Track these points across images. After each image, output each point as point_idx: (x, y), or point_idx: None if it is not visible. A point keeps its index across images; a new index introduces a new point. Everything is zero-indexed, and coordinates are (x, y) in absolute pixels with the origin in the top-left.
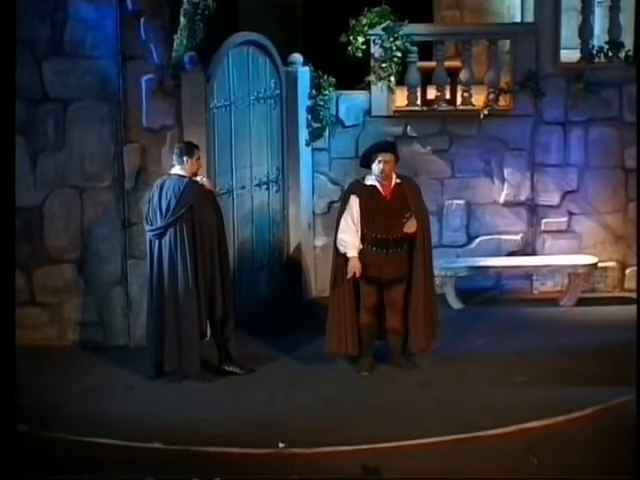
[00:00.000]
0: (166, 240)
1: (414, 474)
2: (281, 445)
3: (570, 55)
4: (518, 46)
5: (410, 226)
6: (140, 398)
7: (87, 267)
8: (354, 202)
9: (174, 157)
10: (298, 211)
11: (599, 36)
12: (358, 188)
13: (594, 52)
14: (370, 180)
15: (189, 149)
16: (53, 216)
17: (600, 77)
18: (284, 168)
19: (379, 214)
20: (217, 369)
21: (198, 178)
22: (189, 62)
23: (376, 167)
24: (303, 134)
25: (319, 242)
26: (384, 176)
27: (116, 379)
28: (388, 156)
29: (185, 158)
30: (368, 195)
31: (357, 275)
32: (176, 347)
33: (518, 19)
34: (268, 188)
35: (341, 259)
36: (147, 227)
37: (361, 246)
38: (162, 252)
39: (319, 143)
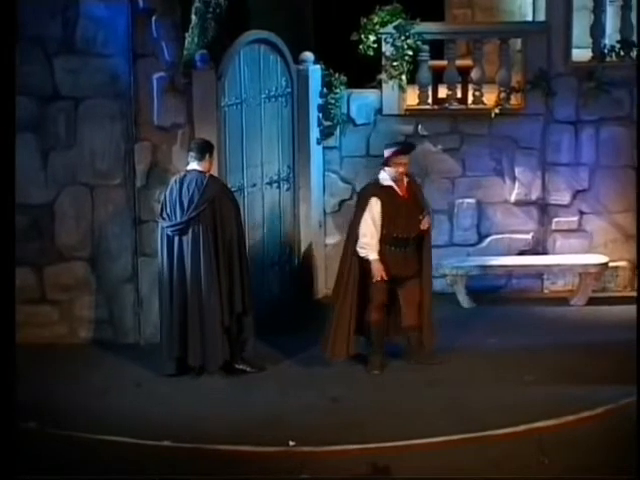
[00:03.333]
0: (188, 235)
1: (423, 473)
2: (291, 444)
3: (581, 54)
4: (529, 45)
5: (426, 223)
6: (150, 396)
7: (98, 265)
8: (375, 204)
9: (191, 154)
10: (309, 209)
11: (611, 35)
12: (377, 189)
13: (605, 51)
14: (386, 180)
15: (209, 146)
16: (64, 214)
17: (611, 76)
18: (295, 166)
19: (400, 214)
20: (228, 366)
21: None
22: (200, 60)
23: (396, 169)
24: (314, 132)
25: (330, 240)
26: (401, 177)
27: (126, 377)
28: (408, 158)
29: (205, 155)
30: (387, 196)
31: (384, 277)
32: (200, 342)
33: (529, 18)
34: (279, 186)
35: (354, 263)
36: (165, 223)
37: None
38: (183, 248)
39: (330, 141)
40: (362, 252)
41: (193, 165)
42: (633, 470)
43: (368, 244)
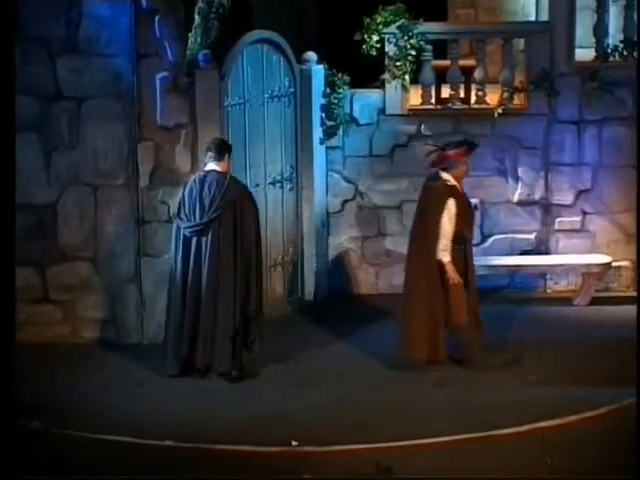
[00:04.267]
0: (206, 237)
1: (428, 473)
2: (294, 443)
3: (585, 54)
4: (532, 45)
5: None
6: (152, 395)
7: (101, 265)
8: (452, 205)
9: (210, 154)
10: (312, 209)
11: (614, 35)
12: (450, 190)
13: (609, 51)
14: (451, 181)
15: (227, 146)
16: (67, 214)
17: (614, 76)
18: (298, 166)
19: (468, 213)
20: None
21: None
22: (203, 60)
23: (463, 168)
24: (317, 132)
25: (333, 241)
26: (463, 176)
27: (129, 376)
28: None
29: (224, 155)
30: (458, 196)
31: (461, 280)
32: (210, 344)
33: (533, 18)
34: (282, 186)
35: (431, 263)
36: (184, 223)
37: None
38: (200, 248)
39: (333, 141)
40: (441, 255)
41: (212, 165)
42: (636, 469)
43: (447, 247)
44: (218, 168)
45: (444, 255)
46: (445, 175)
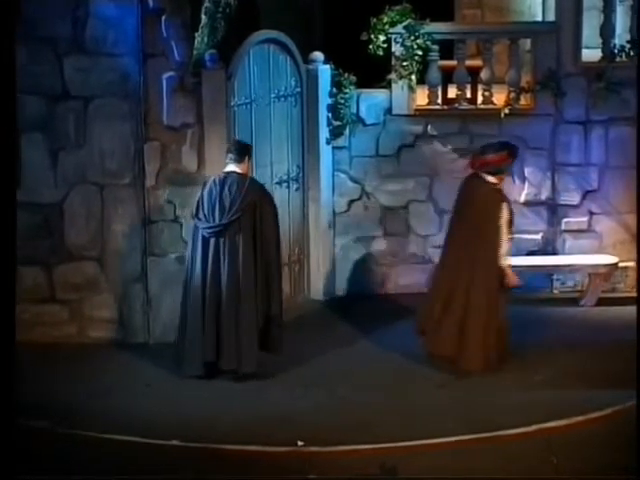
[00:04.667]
0: (226, 238)
1: (433, 473)
2: (299, 443)
3: (591, 54)
4: (539, 45)
5: None
6: (159, 395)
7: (107, 264)
8: (506, 210)
9: (230, 155)
10: (318, 209)
11: (621, 35)
12: (500, 194)
13: (615, 51)
14: (498, 184)
15: (248, 148)
16: (73, 213)
17: (621, 76)
18: (304, 166)
19: (513, 216)
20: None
21: None
22: (210, 60)
23: (507, 172)
24: (323, 132)
25: (339, 241)
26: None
27: (136, 376)
28: None
29: (244, 157)
30: (507, 199)
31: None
32: (235, 346)
33: (539, 18)
34: (288, 186)
35: (495, 268)
36: (202, 224)
37: None
38: (219, 249)
39: (339, 141)
40: (503, 260)
41: (232, 167)
42: (636, 470)
43: (506, 252)
44: (238, 170)
45: (505, 260)
46: (490, 178)
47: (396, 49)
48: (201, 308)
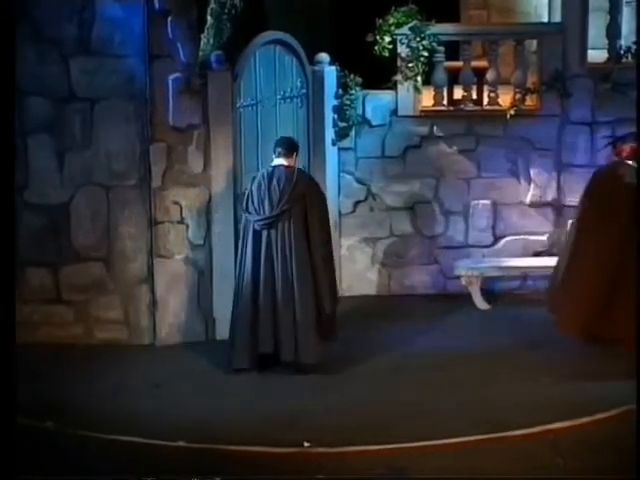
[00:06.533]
0: (277, 229)
1: (440, 474)
2: (306, 444)
3: (597, 55)
4: (545, 46)
5: None
6: (165, 396)
7: (113, 265)
8: None
9: (278, 150)
10: None
11: (627, 36)
12: None
13: (622, 52)
14: None
15: (296, 145)
16: (80, 214)
17: (627, 77)
18: (310, 167)
19: None
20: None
21: None
22: (216, 61)
23: None
24: (329, 133)
25: (345, 242)
26: None
27: (141, 377)
28: None
29: (293, 153)
30: None
31: None
32: (294, 338)
33: (545, 19)
34: None
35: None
36: (253, 217)
37: None
38: (271, 241)
39: (345, 142)
40: None
41: (280, 161)
42: (636, 470)
43: None
44: (285, 163)
45: None
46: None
47: (402, 50)
48: (253, 301)
